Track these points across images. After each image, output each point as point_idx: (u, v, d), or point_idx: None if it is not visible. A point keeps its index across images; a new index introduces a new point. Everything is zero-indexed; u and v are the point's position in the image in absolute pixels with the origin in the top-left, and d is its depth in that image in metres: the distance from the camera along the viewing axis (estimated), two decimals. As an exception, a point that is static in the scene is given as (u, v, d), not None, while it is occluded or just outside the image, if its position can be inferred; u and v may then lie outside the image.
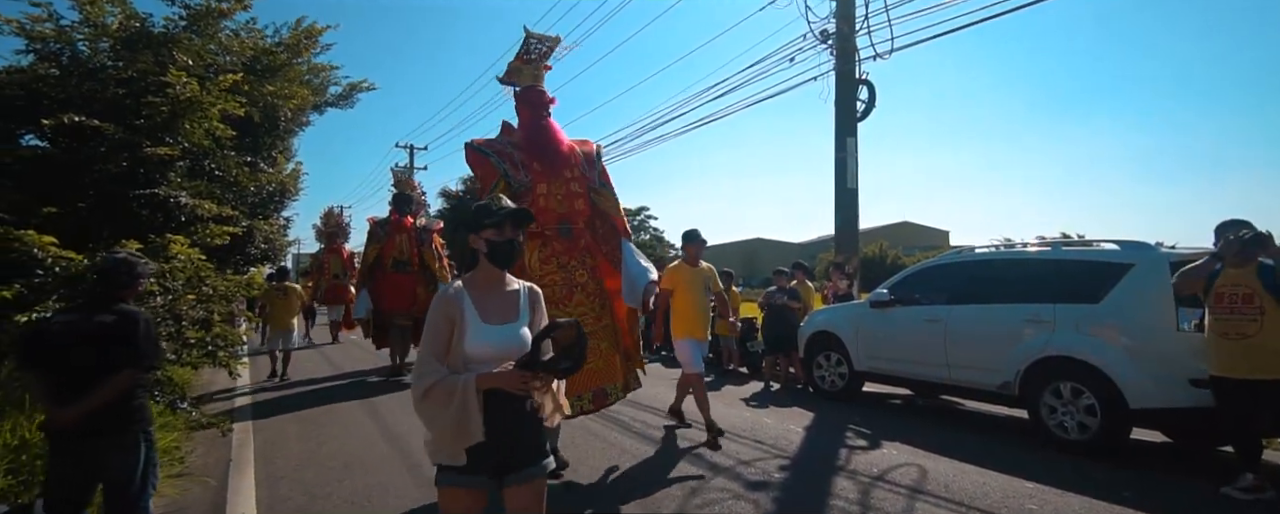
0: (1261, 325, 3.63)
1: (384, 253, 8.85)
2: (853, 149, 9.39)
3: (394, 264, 8.81)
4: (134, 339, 2.70)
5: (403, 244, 8.88)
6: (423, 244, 8.98)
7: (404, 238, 8.91)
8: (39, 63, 6.45)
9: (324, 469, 4.54)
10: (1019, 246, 6.39)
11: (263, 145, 8.95)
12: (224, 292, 5.60)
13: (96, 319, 2.68)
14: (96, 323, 2.67)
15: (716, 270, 5.87)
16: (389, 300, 8.75)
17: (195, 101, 5.63)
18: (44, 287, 4.33)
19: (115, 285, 2.80)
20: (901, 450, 4.89)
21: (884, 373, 6.49)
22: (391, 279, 8.80)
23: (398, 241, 8.88)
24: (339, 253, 13.34)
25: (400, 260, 8.84)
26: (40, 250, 4.29)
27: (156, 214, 5.83)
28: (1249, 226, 3.79)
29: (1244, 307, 3.69)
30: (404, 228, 8.97)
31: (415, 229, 9.06)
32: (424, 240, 9.01)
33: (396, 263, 8.82)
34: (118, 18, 6.38)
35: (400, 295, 8.75)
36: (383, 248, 8.89)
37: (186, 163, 6.18)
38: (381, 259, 8.86)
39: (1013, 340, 5.23)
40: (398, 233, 8.93)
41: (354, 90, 11.47)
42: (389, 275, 8.78)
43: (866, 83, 9.34)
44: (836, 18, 9.33)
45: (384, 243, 8.90)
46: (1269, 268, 3.69)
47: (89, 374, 2.60)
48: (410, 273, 8.85)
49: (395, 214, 9.13)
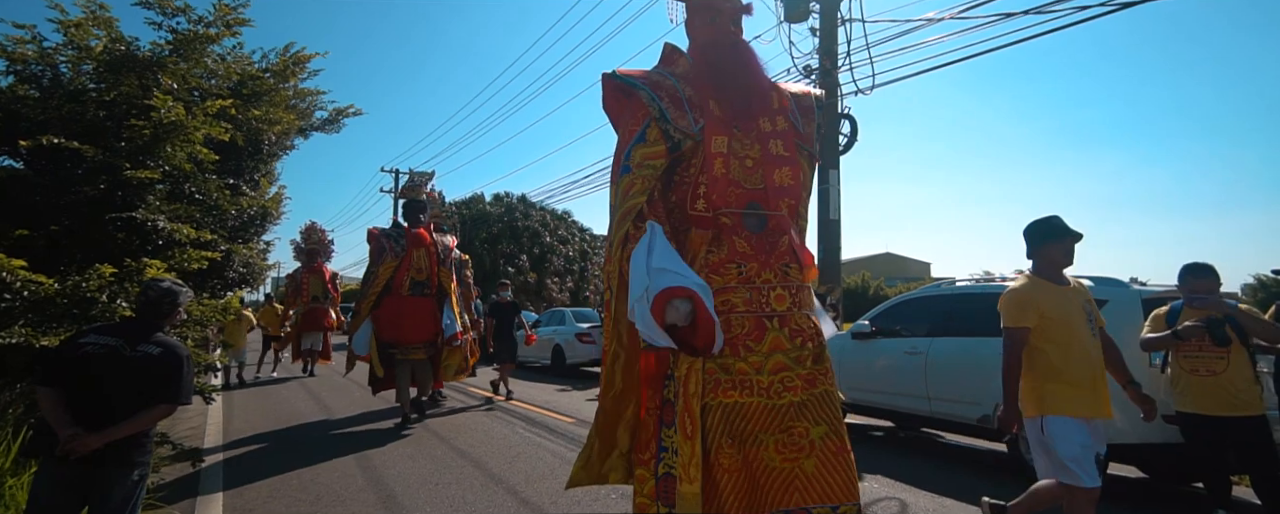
0: (1229, 362, 3.70)
1: (400, 272, 7.30)
2: (835, 181, 9.54)
3: (412, 286, 7.33)
4: (179, 375, 2.70)
5: (421, 261, 7.40)
6: (443, 262, 7.62)
7: (422, 253, 7.43)
8: (18, 84, 6.38)
9: (294, 501, 4.42)
10: (998, 280, 6.48)
11: (245, 169, 8.85)
12: (199, 316, 5.49)
13: (141, 348, 2.65)
14: (141, 352, 2.64)
15: None
16: (407, 329, 7.23)
17: (179, 125, 5.59)
18: (11, 311, 4.22)
19: (159, 315, 2.78)
20: (882, 484, 4.87)
21: (866, 404, 6.50)
22: (409, 305, 7.28)
23: (416, 258, 7.38)
24: (320, 273, 12.04)
25: (419, 281, 7.36)
26: (9, 274, 4.19)
27: (133, 237, 5.73)
28: (1210, 272, 3.86)
29: (1211, 345, 3.75)
30: (422, 241, 7.48)
31: (436, 243, 7.65)
32: (445, 258, 7.68)
33: (415, 284, 7.34)
34: (102, 41, 6.35)
35: (419, 324, 7.27)
36: (401, 264, 7.30)
37: (166, 186, 6.10)
38: (396, 278, 7.30)
39: (992, 373, 5.24)
40: (417, 246, 7.41)
41: (340, 115, 11.42)
42: (406, 300, 7.28)
43: (849, 117, 9.55)
44: (820, 53, 9.57)
45: (401, 260, 7.31)
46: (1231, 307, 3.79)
47: (113, 401, 2.56)
48: (429, 296, 7.43)
49: (408, 226, 7.66)
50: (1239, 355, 3.70)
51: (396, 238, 7.41)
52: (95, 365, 2.56)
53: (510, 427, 6.95)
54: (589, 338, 12.30)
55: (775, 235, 2.63)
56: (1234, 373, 3.69)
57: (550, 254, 26.89)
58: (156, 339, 2.73)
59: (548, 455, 5.72)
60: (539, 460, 5.53)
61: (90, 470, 2.53)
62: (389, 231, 7.52)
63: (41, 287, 4.28)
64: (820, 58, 9.56)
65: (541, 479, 4.90)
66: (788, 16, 9.64)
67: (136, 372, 2.61)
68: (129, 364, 2.60)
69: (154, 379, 2.65)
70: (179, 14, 6.67)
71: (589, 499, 4.47)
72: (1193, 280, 3.87)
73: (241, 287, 10.40)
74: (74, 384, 2.55)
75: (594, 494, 4.58)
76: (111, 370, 2.57)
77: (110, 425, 2.52)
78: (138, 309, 2.81)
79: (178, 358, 2.72)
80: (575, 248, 28.97)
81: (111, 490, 2.58)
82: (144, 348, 2.66)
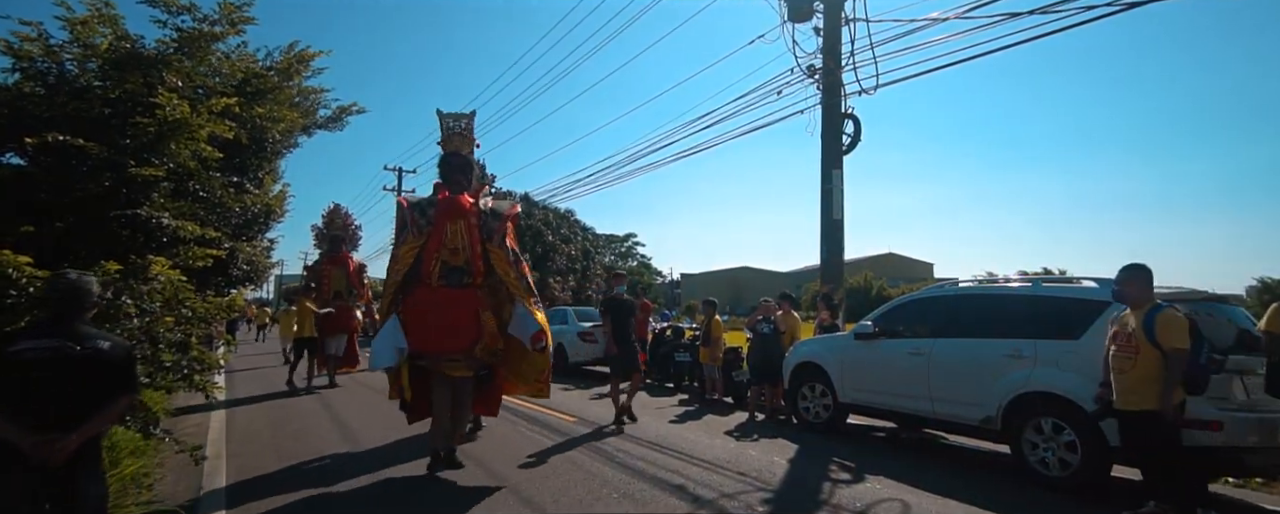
0: (1135, 363, 3.93)
1: (429, 252, 5.23)
2: (839, 181, 9.52)
3: (445, 272, 5.20)
4: (131, 366, 2.71)
5: (461, 236, 5.23)
6: (490, 239, 5.36)
7: (462, 227, 5.25)
8: (24, 81, 6.41)
9: (298, 500, 4.43)
10: (1001, 281, 6.48)
11: (249, 167, 8.87)
12: (203, 314, 5.51)
13: (89, 345, 2.58)
14: (92, 348, 2.58)
15: (701, 299, 5.89)
16: (437, 333, 5.08)
17: (184, 123, 5.61)
18: (16, 308, 4.24)
19: (81, 307, 2.69)
20: (885, 485, 4.87)
21: (868, 405, 6.49)
22: (440, 299, 5.17)
23: (453, 232, 5.23)
24: (344, 264, 10.23)
25: (454, 265, 5.20)
26: (15, 270, 4.21)
27: (138, 235, 5.75)
28: (1143, 269, 4.11)
29: (1125, 346, 4.00)
30: (461, 210, 5.27)
31: (481, 213, 5.41)
32: (492, 231, 5.39)
33: (449, 270, 5.20)
34: (108, 39, 6.37)
35: (455, 325, 5.11)
36: (428, 243, 5.23)
37: (171, 184, 6.13)
38: (423, 263, 5.24)
39: (994, 375, 5.26)
40: (452, 218, 5.24)
41: (344, 113, 11.46)
42: (437, 293, 5.19)
43: (852, 117, 9.52)
44: (823, 53, 9.55)
45: (429, 235, 5.22)
46: (1153, 313, 3.93)
47: (74, 401, 2.51)
48: (470, 287, 5.27)
49: (443, 191, 5.46)
50: (1145, 358, 3.90)
51: (425, 208, 5.37)
52: (41, 369, 2.48)
53: (512, 425, 6.95)
54: (592, 337, 12.29)
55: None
56: (1138, 372, 3.92)
57: (552, 253, 26.92)
58: (99, 334, 2.69)
59: (550, 454, 5.72)
60: (540, 459, 5.53)
61: (59, 475, 2.46)
62: (421, 200, 5.53)
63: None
64: (824, 57, 9.53)
65: (543, 478, 4.90)
66: (791, 16, 9.62)
67: (90, 368, 2.56)
68: (80, 362, 2.54)
69: (108, 373, 2.61)
70: (184, 12, 6.70)
71: (590, 499, 4.48)
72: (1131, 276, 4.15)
73: (245, 284, 10.38)
74: (21, 393, 2.44)
75: (595, 494, 4.59)
76: (63, 371, 2.51)
77: (80, 425, 2.48)
78: (56, 305, 2.69)
79: (127, 349, 2.74)
80: (577, 247, 29.00)
81: (87, 488, 2.56)
82: (92, 344, 2.60)
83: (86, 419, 2.52)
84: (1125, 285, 4.12)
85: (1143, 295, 4.04)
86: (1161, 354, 3.83)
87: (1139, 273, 4.08)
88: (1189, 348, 3.81)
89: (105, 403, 2.59)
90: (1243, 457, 4.39)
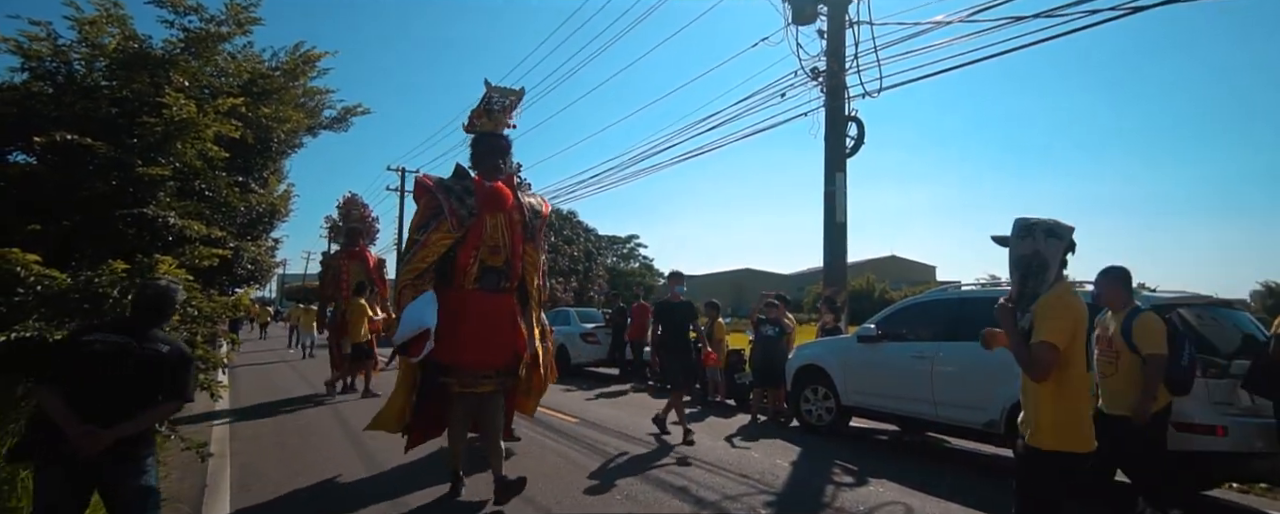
0: (1117, 368, 3.92)
1: (466, 248, 4.42)
2: (842, 184, 9.53)
3: (483, 274, 4.46)
4: (186, 373, 2.78)
5: (502, 233, 4.49)
6: (531, 239, 4.76)
7: (500, 222, 4.49)
8: (33, 80, 6.45)
9: (300, 499, 4.45)
10: (1004, 284, 6.47)
11: (254, 166, 8.90)
12: (209, 313, 5.53)
13: (149, 346, 2.69)
14: (151, 350, 2.68)
15: (703, 301, 5.85)
16: (473, 345, 4.34)
17: (190, 123, 5.64)
18: (25, 305, 4.27)
19: (160, 314, 2.82)
20: (888, 488, 4.87)
21: (871, 408, 6.49)
22: (476, 303, 4.42)
23: (494, 228, 4.47)
24: (362, 259, 9.49)
25: (494, 266, 4.48)
26: (23, 268, 4.24)
27: (144, 234, 5.77)
28: (1119, 272, 4.04)
29: (1107, 350, 3.98)
30: (501, 201, 4.50)
31: (522, 208, 4.69)
32: (535, 231, 4.79)
33: (488, 272, 4.47)
34: (116, 38, 6.41)
35: (494, 336, 4.44)
36: (468, 237, 4.41)
37: (177, 183, 6.15)
38: (458, 261, 4.43)
39: (997, 378, 5.25)
40: (493, 211, 4.47)
41: (348, 114, 11.47)
42: (471, 295, 4.42)
43: (856, 120, 9.53)
44: (827, 56, 9.56)
45: (467, 230, 4.41)
46: (1131, 317, 3.91)
47: (123, 398, 2.60)
48: (507, 291, 4.59)
49: (478, 173, 4.66)
50: (1126, 363, 3.88)
51: (461, 195, 4.46)
52: (104, 363, 2.57)
53: (514, 426, 6.96)
54: (594, 338, 12.31)
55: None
56: (1120, 377, 3.90)
57: (555, 254, 26.93)
58: (163, 337, 2.78)
59: (552, 456, 5.73)
60: (543, 460, 5.54)
61: (98, 468, 2.54)
62: (449, 182, 4.60)
63: (54, 281, 4.33)
64: (827, 60, 9.54)
65: (546, 479, 4.91)
66: (795, 19, 9.64)
67: (146, 369, 2.65)
68: (138, 362, 2.63)
69: (162, 376, 2.69)
70: (191, 12, 6.73)
71: (593, 499, 4.49)
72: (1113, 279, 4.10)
73: (250, 283, 10.40)
74: (79, 382, 2.54)
75: (598, 494, 4.59)
76: (121, 368, 2.59)
77: (120, 421, 2.55)
78: (135, 309, 2.81)
79: (185, 357, 2.79)
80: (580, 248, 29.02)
81: (128, 483, 2.62)
82: (152, 346, 2.70)
83: (131, 417, 2.59)
84: (1102, 289, 4.07)
85: (1121, 299, 4.00)
86: (1141, 359, 3.81)
87: (1115, 276, 4.03)
88: (1166, 352, 3.78)
89: (151, 404, 2.68)
90: (1248, 462, 4.39)
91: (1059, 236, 2.56)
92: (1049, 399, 2.49)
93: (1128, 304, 4.00)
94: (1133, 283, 4.12)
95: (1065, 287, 2.55)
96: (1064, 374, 2.45)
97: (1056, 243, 2.56)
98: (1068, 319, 2.45)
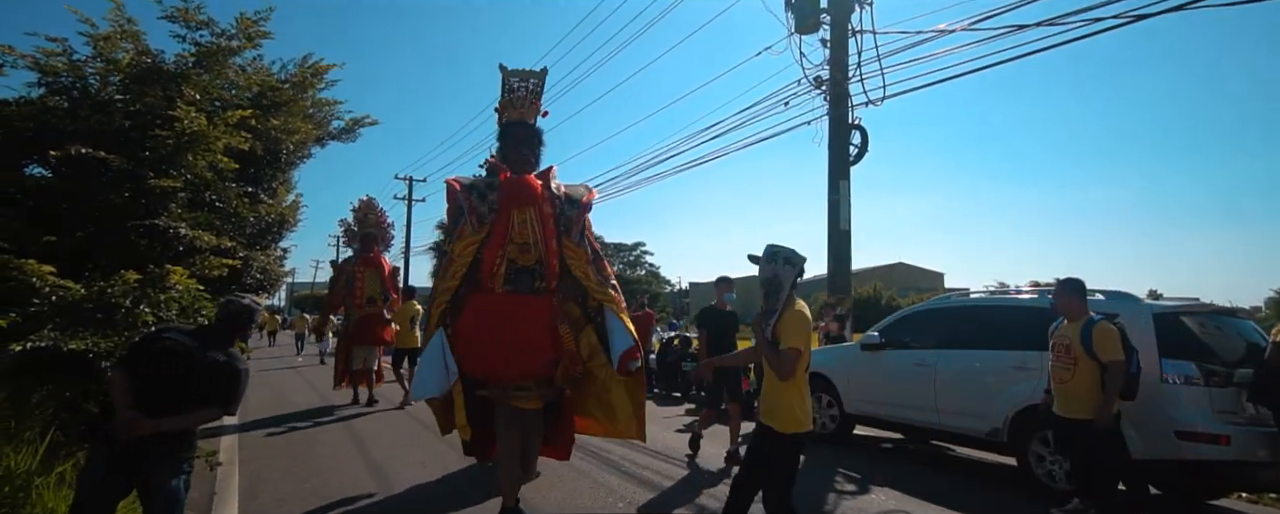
0: (1074, 374, 4.12)
1: (491, 247, 4.06)
2: (845, 192, 9.55)
3: (511, 274, 4.09)
4: (236, 386, 2.91)
5: (531, 228, 4.09)
6: (568, 232, 4.24)
7: (532, 216, 4.10)
8: (48, 95, 6.60)
9: (308, 506, 4.49)
10: (1012, 292, 6.47)
11: (263, 177, 9.03)
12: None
13: (210, 354, 2.84)
14: (210, 358, 2.83)
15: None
16: (501, 354, 3.93)
17: (201, 135, 5.76)
18: (40, 315, 4.36)
19: (236, 328, 2.98)
20: (891, 496, 4.86)
21: (875, 416, 6.49)
22: (506, 306, 4.06)
23: (521, 223, 4.08)
24: (377, 266, 8.98)
25: (524, 266, 4.10)
26: (39, 279, 4.34)
27: (155, 244, 5.89)
28: (1075, 283, 4.30)
29: (1064, 357, 4.19)
30: (531, 194, 4.12)
31: (557, 200, 4.26)
32: (571, 223, 4.27)
33: (517, 272, 4.10)
34: (129, 54, 6.55)
35: (527, 342, 3.99)
36: (492, 236, 4.07)
37: (188, 194, 6.27)
38: (484, 262, 4.07)
39: (1001, 387, 5.25)
40: (520, 205, 4.10)
41: (356, 125, 11.61)
42: (501, 298, 4.08)
43: (859, 128, 9.56)
44: (830, 65, 9.61)
45: (491, 228, 4.07)
46: (1089, 326, 4.11)
47: (175, 396, 2.73)
48: (544, 293, 4.17)
49: (505, 168, 4.27)
50: (1083, 369, 4.09)
51: (484, 191, 4.18)
52: (170, 360, 2.74)
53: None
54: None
55: None
56: (1075, 383, 4.13)
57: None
58: (228, 351, 2.93)
59: (553, 461, 5.74)
60: (543, 463, 5.55)
61: (137, 456, 2.67)
62: (475, 180, 4.38)
63: (69, 291, 4.42)
64: (831, 69, 9.59)
65: (547, 485, 4.94)
66: (798, 28, 9.70)
67: (201, 374, 2.79)
68: (197, 366, 2.78)
69: (214, 384, 2.83)
70: (202, 27, 6.87)
71: (591, 504, 4.51)
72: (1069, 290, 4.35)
73: (259, 292, 10.51)
74: (145, 372, 2.72)
75: (601, 503, 4.62)
76: (181, 368, 2.75)
77: (166, 417, 2.68)
78: (217, 321, 3.01)
79: (238, 370, 2.91)
80: (587, 256, 28.95)
81: (164, 479, 2.73)
82: (212, 354, 2.84)
83: (177, 414, 2.73)
84: (1060, 299, 4.34)
85: (1078, 309, 4.25)
86: (1099, 365, 4.02)
87: (1072, 287, 4.31)
88: (1125, 358, 4.01)
89: (198, 407, 2.80)
90: (1255, 472, 4.37)
91: (793, 263, 3.02)
92: (795, 392, 2.96)
93: (1083, 314, 4.21)
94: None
95: (798, 302, 3.03)
96: (801, 373, 2.96)
97: (789, 268, 3.00)
98: (806, 328, 2.98)
